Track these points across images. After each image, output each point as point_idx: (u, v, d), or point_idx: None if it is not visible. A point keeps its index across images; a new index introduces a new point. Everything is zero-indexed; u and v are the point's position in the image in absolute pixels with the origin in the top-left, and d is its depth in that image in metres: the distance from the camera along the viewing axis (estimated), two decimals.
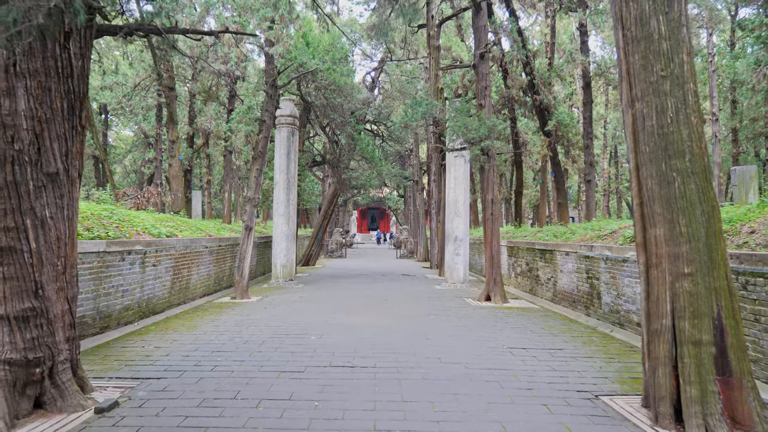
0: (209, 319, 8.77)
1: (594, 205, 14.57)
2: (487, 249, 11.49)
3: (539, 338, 7.49)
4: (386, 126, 21.44)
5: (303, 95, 17.38)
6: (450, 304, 10.93)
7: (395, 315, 9.38)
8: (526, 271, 13.45)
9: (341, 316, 9.13)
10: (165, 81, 15.61)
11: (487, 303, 11.21)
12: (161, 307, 9.32)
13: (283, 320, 8.66)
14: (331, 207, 21.58)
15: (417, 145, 28.71)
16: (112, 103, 24.83)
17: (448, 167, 14.98)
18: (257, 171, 11.50)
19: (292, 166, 14.59)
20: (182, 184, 16.40)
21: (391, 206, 48.68)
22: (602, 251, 8.91)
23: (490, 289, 11.37)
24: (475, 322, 8.80)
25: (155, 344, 6.76)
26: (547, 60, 16.94)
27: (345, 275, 17.99)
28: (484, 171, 11.40)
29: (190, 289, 10.79)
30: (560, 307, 10.84)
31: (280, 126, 14.67)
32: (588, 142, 14.30)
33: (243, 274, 11.29)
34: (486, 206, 11.46)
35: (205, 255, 11.67)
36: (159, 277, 9.22)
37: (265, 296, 11.90)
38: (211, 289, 12.23)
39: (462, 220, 14.64)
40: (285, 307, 10.26)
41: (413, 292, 13.20)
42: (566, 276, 10.68)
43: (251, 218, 11.42)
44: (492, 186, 11.44)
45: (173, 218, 12.61)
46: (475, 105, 11.79)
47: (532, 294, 12.85)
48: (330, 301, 11.23)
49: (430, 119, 17.96)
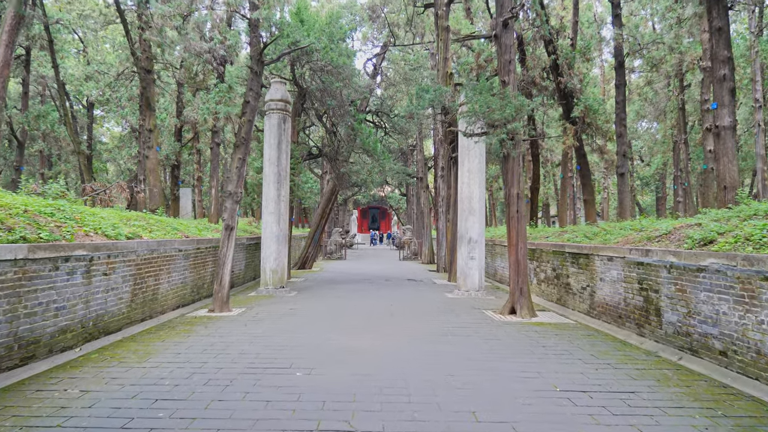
0: (173, 342, 6.99)
1: (627, 202, 12.85)
2: (512, 253, 9.72)
3: (596, 373, 5.71)
4: (389, 116, 19.67)
5: (297, 79, 15.62)
6: (468, 319, 9.15)
7: (404, 335, 7.61)
8: (553, 278, 11.68)
9: (338, 337, 7.36)
10: (141, 62, 13.84)
11: (512, 317, 9.45)
12: (117, 325, 7.56)
13: (265, 344, 6.88)
14: (329, 205, 19.81)
15: (421, 140, 26.94)
16: (95, 95, 23.08)
17: (461, 159, 13.22)
18: (239, 161, 9.74)
19: (284, 157, 12.82)
20: (160, 178, 14.64)
21: (392, 205, 46.88)
22: (664, 257, 7.13)
23: (515, 301, 9.60)
24: (505, 345, 7.03)
25: (84, 385, 4.99)
26: (569, 41, 15.17)
27: (344, 280, 16.22)
28: (508, 160, 9.63)
29: (159, 301, 9.02)
30: (600, 322, 9.07)
31: (269, 112, 12.90)
32: (621, 129, 12.54)
33: (222, 282, 9.53)
34: (510, 202, 9.68)
35: (179, 260, 9.91)
36: (113, 289, 7.45)
37: (250, 308, 10.13)
38: (188, 299, 10.47)
39: (477, 219, 12.87)
40: (270, 323, 8.48)
41: (422, 301, 11.43)
42: (608, 285, 8.90)
43: (232, 216, 9.65)
44: (518, 178, 9.67)
45: (145, 216, 10.85)
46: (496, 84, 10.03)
47: (561, 305, 11.08)
48: (325, 314, 9.46)
49: (439, 107, 16.23)
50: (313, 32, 13.61)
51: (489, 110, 8.88)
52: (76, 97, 29.01)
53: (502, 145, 9.25)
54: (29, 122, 18.22)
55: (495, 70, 13.28)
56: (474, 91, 9.63)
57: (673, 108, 20.74)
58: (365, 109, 19.40)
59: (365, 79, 19.85)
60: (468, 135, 9.40)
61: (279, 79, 13.12)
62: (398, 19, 20.64)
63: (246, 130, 9.81)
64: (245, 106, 9.92)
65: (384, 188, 41.49)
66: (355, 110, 16.74)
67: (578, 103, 13.08)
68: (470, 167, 12.94)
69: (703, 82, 13.67)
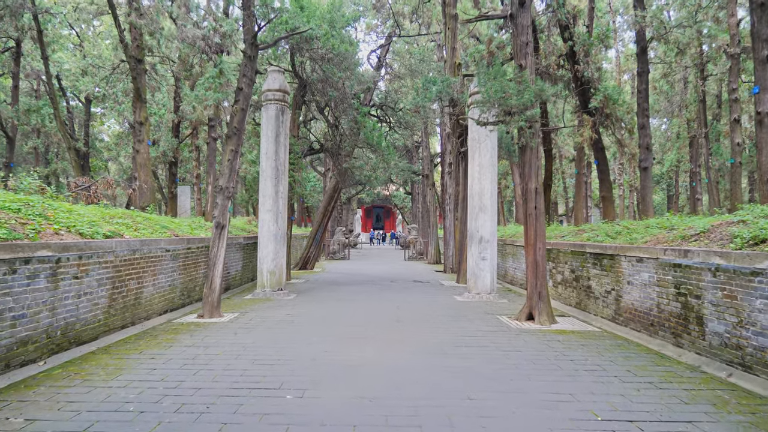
0: (151, 354, 6.19)
1: (651, 197, 11.97)
2: (529, 253, 8.87)
3: (639, 395, 4.86)
4: (394, 110, 18.81)
5: (297, 71, 14.81)
6: (482, 327, 8.31)
7: (413, 346, 6.78)
8: (571, 281, 10.82)
9: (337, 349, 6.54)
10: (132, 51, 13.05)
11: (530, 324, 8.60)
12: (91, 334, 6.76)
13: (255, 357, 6.07)
14: (331, 203, 18.99)
15: (427, 136, 26.08)
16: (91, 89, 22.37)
17: (471, 153, 12.38)
18: (231, 153, 8.93)
19: (282, 151, 12.01)
20: (152, 174, 13.85)
21: (397, 204, 46.05)
22: (708, 258, 6.26)
23: (533, 306, 8.75)
24: (527, 359, 6.18)
25: (32, 412, 4.19)
26: (584, 28, 14.29)
27: (347, 281, 15.41)
28: (525, 152, 8.78)
29: (143, 306, 8.22)
30: (628, 330, 8.21)
31: (266, 103, 12.09)
32: (644, 120, 11.66)
33: (213, 285, 8.72)
34: (528, 198, 8.83)
35: (167, 260, 9.11)
36: (86, 294, 6.65)
37: (243, 313, 9.32)
38: (177, 304, 9.67)
39: (489, 217, 12.02)
40: (263, 331, 7.67)
41: (431, 306, 10.59)
42: (638, 290, 8.04)
43: (223, 213, 8.85)
44: (536, 171, 8.82)
45: (132, 214, 10.07)
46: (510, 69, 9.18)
47: (581, 309, 10.22)
48: (325, 321, 8.64)
49: (447, 99, 15.39)
50: (314, 19, 12.79)
51: (505, 96, 8.03)
52: (73, 93, 28.35)
53: (520, 135, 8.40)
54: (19, 117, 17.52)
55: (508, 57, 12.42)
56: (487, 76, 8.77)
57: (693, 101, 19.83)
58: (369, 102, 18.56)
59: (369, 72, 19.03)
60: (482, 123, 8.55)
61: (277, 69, 12.31)
62: (403, 9, 19.82)
63: (239, 119, 9.00)
64: (238, 93, 9.11)
65: (389, 187, 40.66)
66: (358, 103, 15.91)
67: (597, 92, 12.20)
68: (481, 161, 12.10)
69: (731, 69, 12.78)
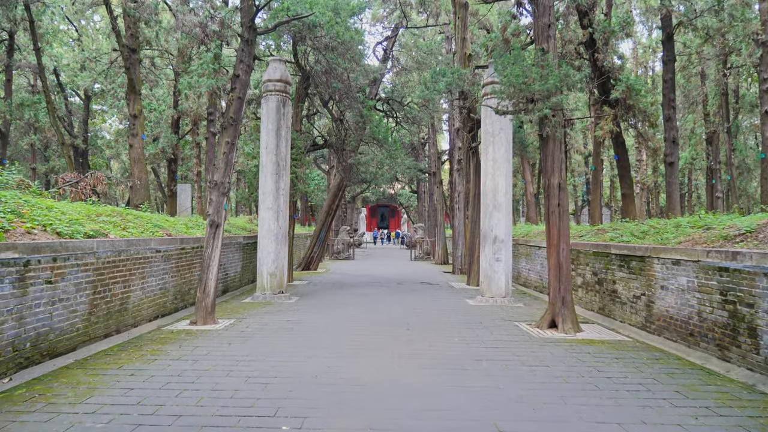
0: (131, 369, 5.48)
1: (677, 195, 11.19)
2: (552, 254, 8.12)
3: (699, 424, 4.11)
4: (401, 104, 18.05)
5: (299, 62, 14.10)
6: (502, 336, 7.56)
7: (427, 360, 6.05)
8: (593, 284, 10.06)
9: (342, 364, 5.81)
10: (126, 39, 12.37)
11: (553, 332, 7.85)
12: (68, 345, 6.06)
13: (248, 373, 5.35)
14: (335, 201, 18.27)
15: (434, 132, 25.31)
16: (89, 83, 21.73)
17: (484, 148, 11.63)
18: (227, 145, 8.22)
19: (283, 145, 11.30)
20: (147, 170, 13.16)
21: (402, 203, 45.27)
22: (764, 261, 5.50)
23: (557, 312, 8.00)
24: (558, 376, 5.44)
25: None
26: (603, 16, 13.50)
27: (352, 283, 14.69)
28: (548, 144, 8.02)
29: (129, 312, 7.53)
30: (662, 339, 7.45)
31: (267, 94, 11.38)
32: (669, 112, 10.89)
33: (207, 289, 8.02)
34: (550, 194, 8.08)
35: (157, 262, 8.41)
36: (61, 300, 5.95)
37: (240, 319, 8.61)
38: (169, 308, 8.98)
39: (503, 216, 11.27)
40: (261, 341, 6.95)
41: (442, 310, 9.86)
42: (674, 295, 7.28)
43: (218, 211, 8.14)
44: (559, 165, 8.06)
45: (122, 212, 9.39)
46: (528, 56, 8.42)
47: (604, 315, 9.46)
48: (328, 329, 7.92)
49: (457, 92, 14.64)
50: (317, 6, 12.06)
51: (527, 81, 7.27)
52: (73, 90, 27.75)
53: (543, 125, 7.64)
54: (12, 111, 16.89)
55: (525, 44, 11.66)
56: (505, 62, 8.01)
57: (714, 94, 18.96)
58: (375, 96, 17.82)
59: (375, 64, 18.30)
60: (501, 113, 7.80)
61: (278, 58, 11.58)
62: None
63: (235, 108, 8.28)
64: (234, 80, 8.39)
65: (394, 185, 39.91)
66: (363, 96, 15.19)
67: (618, 83, 11.41)
68: (495, 156, 11.35)
69: (762, 58, 11.98)
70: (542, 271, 13.19)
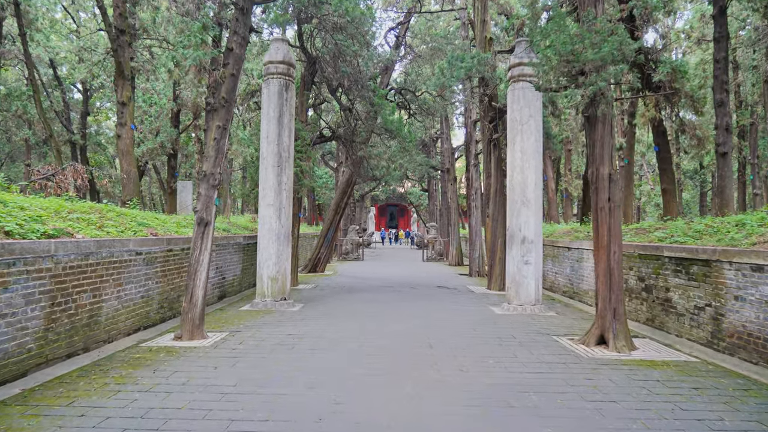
0: (85, 404, 4.30)
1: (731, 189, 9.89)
2: (601, 259, 6.85)
3: None
4: (414, 94, 16.79)
5: (305, 45, 12.92)
6: (545, 355, 6.31)
7: (460, 393, 4.81)
8: (639, 291, 8.77)
9: (353, 399, 4.60)
10: (114, 20, 11.25)
11: (603, 351, 6.58)
12: (15, 371, 4.91)
13: (233, 413, 4.15)
14: (344, 199, 17.07)
15: (448, 126, 24.03)
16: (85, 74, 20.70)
17: (511, 137, 10.38)
18: (218, 130, 7.04)
19: (286, 134, 10.11)
20: (136, 163, 12.01)
21: (412, 202, 44.00)
22: None
23: (606, 326, 6.73)
24: (632, 417, 4.19)
25: None
26: None
27: (361, 287, 13.48)
28: (595, 127, 6.77)
29: (101, 326, 6.37)
30: (737, 360, 6.17)
31: (268, 77, 10.20)
32: (722, 96, 9.59)
33: (194, 298, 6.84)
34: (599, 187, 6.82)
35: (138, 266, 7.25)
36: (4, 315, 4.79)
37: (234, 332, 7.42)
38: (154, 319, 7.82)
39: (533, 213, 10.01)
40: (254, 362, 5.76)
41: (467, 322, 8.62)
42: (754, 308, 5.99)
43: (208, 207, 6.96)
44: (609, 152, 6.80)
45: (103, 209, 8.26)
46: None
47: (655, 327, 8.19)
48: (335, 346, 6.71)
49: (477, 78, 13.40)
50: None
51: (576, 50, 6.02)
52: (71, 84, 26.78)
53: (592, 104, 6.39)
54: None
55: None
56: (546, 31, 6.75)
57: (756, 81, 17.54)
58: (386, 86, 16.61)
59: (387, 52, 17.07)
60: (546, 89, 6.56)
61: (280, 38, 10.40)
62: None
63: (228, 87, 7.10)
64: (227, 55, 7.21)
65: (404, 183, 38.68)
66: (375, 84, 13.99)
67: (662, 64, 10.10)
68: (523, 147, 10.09)
69: None
70: (572, 275, 11.93)
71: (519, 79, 10.23)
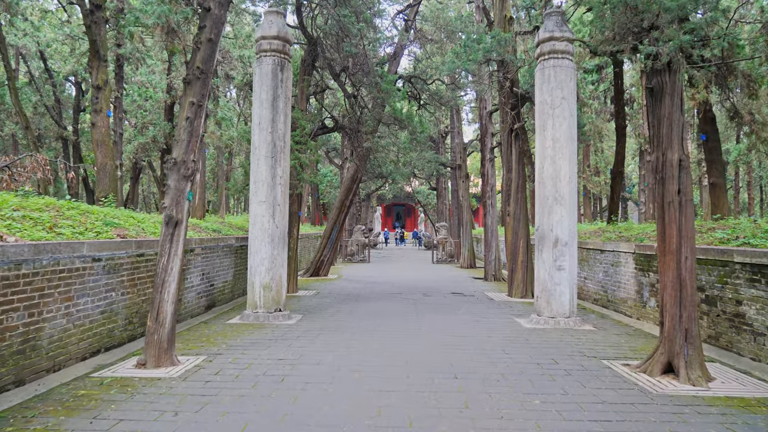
0: None
1: None
2: (670, 267, 5.48)
3: None
4: (425, 82, 15.42)
5: (305, 25, 11.61)
6: (601, 390, 4.95)
7: None
8: (698, 303, 7.36)
9: None
10: None
11: (671, 382, 5.21)
12: None
13: None
14: (349, 196, 15.73)
15: (459, 120, 22.64)
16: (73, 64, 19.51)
17: (541, 123, 9.01)
18: (192, 108, 5.72)
19: (281, 120, 8.79)
20: (112, 155, 10.71)
21: (420, 201, 42.60)
22: None
23: (676, 352, 5.36)
24: None
25: None
26: None
27: (368, 294, 12.14)
28: (662, 101, 5.40)
29: (43, 351, 5.07)
30: None
31: (260, 55, 8.89)
32: None
33: (161, 316, 5.53)
34: (667, 176, 5.44)
35: (96, 275, 5.95)
36: None
37: (214, 354, 6.10)
38: (120, 338, 6.52)
39: (567, 211, 8.64)
40: (230, 402, 4.43)
41: (494, 341, 7.25)
42: None
43: (177, 203, 5.63)
44: (678, 132, 5.43)
45: (63, 206, 6.99)
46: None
47: (722, 348, 6.80)
48: (337, 376, 5.37)
49: (496, 61, 12.05)
50: None
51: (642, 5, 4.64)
52: (66, 79, 25.60)
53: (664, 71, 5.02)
54: None
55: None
56: None
57: None
58: (395, 73, 15.27)
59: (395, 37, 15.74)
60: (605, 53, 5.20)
61: (275, 10, 9.08)
62: None
63: (204, 55, 5.78)
64: (204, 16, 5.89)
65: (412, 182, 37.29)
66: (382, 69, 12.66)
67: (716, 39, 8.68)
68: (555, 134, 8.72)
69: None
70: (606, 282, 10.55)
71: (550, 56, 8.86)
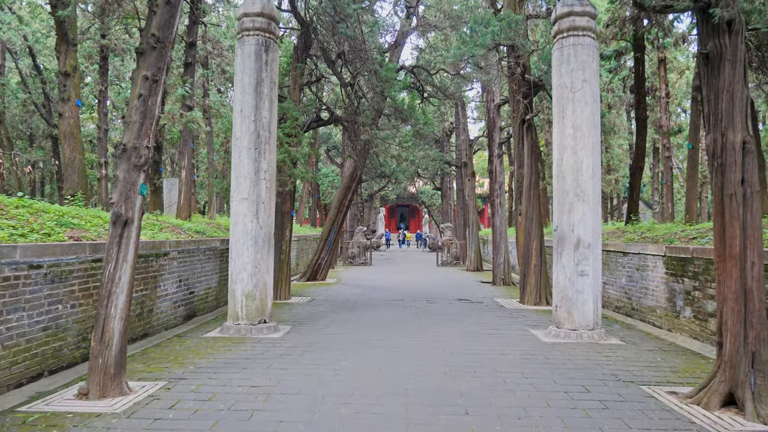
0: None
1: None
2: (732, 274, 4.44)
3: None
4: (429, 72, 14.40)
5: (296, 9, 10.65)
6: (647, 431, 3.92)
7: None
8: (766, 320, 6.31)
9: None
10: None
11: (736, 418, 4.17)
12: None
13: None
14: (348, 194, 14.73)
15: (464, 116, 21.62)
16: None
17: (559, 110, 7.98)
18: (146, 83, 4.73)
19: (266, 108, 7.80)
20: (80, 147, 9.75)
21: (424, 202, 41.55)
22: None
23: (740, 381, 4.32)
24: None
25: None
26: None
27: (367, 301, 11.13)
28: (721, 72, 4.39)
29: None
30: None
31: (243, 34, 7.91)
32: None
33: (107, 336, 4.54)
34: (727, 163, 4.42)
35: (35, 284, 4.97)
36: None
37: (175, 380, 5.10)
38: (71, 358, 5.56)
39: (590, 209, 7.60)
40: None
41: (509, 360, 6.22)
42: None
43: (127, 198, 4.64)
44: (743, 109, 4.41)
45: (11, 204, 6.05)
46: None
47: None
48: (318, 412, 4.36)
49: (506, 46, 11.05)
50: None
51: None
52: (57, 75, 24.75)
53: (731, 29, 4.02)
54: None
55: None
56: None
57: None
58: (396, 62, 14.29)
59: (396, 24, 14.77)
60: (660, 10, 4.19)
61: None
62: None
63: (161, 21, 4.79)
64: None
65: (415, 182, 36.25)
66: (382, 57, 11.68)
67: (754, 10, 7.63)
68: (576, 121, 7.69)
69: None
70: (630, 288, 9.51)
71: (569, 34, 7.83)
